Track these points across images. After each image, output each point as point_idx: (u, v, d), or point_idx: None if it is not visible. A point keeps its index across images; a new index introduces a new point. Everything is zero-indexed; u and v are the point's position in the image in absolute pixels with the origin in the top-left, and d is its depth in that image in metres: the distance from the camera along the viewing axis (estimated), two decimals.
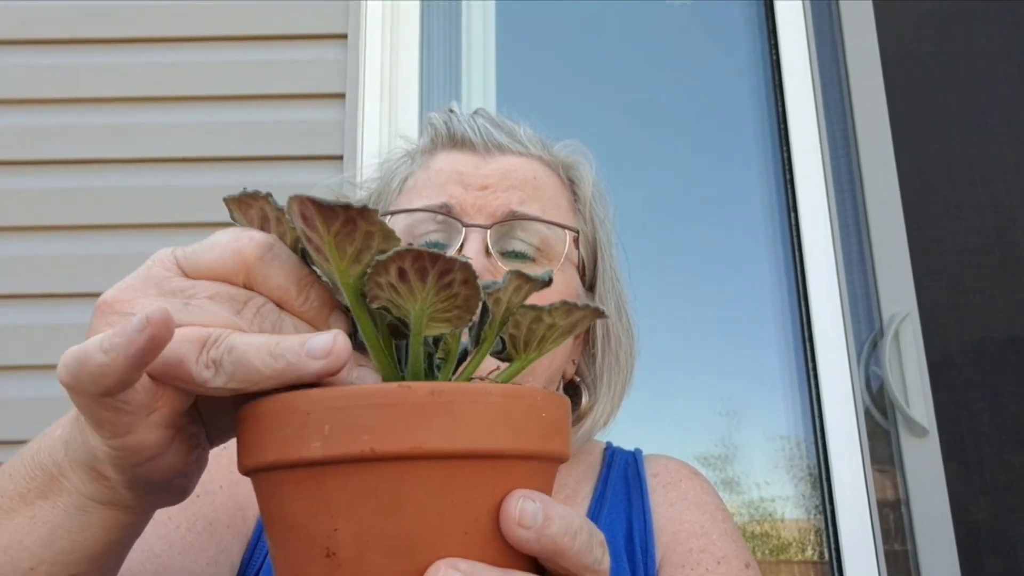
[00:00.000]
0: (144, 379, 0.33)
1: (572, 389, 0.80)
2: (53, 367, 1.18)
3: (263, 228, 0.33)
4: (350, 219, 0.30)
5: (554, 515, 0.32)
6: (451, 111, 0.79)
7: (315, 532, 0.31)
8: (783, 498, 1.53)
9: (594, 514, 0.74)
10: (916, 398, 1.41)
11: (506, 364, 0.38)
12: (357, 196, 0.83)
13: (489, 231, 0.69)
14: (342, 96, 1.57)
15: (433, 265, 0.30)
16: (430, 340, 0.36)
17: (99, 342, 0.31)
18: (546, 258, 0.72)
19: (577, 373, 0.80)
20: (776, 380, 1.56)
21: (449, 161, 0.75)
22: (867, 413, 1.46)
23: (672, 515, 0.73)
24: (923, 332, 1.46)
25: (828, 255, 1.52)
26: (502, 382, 0.36)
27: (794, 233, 1.58)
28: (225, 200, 0.34)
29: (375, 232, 0.30)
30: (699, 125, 1.76)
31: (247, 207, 0.33)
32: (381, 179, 0.81)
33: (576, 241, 0.74)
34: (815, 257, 1.52)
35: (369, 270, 0.31)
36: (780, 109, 1.64)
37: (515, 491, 0.32)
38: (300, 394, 0.31)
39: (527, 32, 1.81)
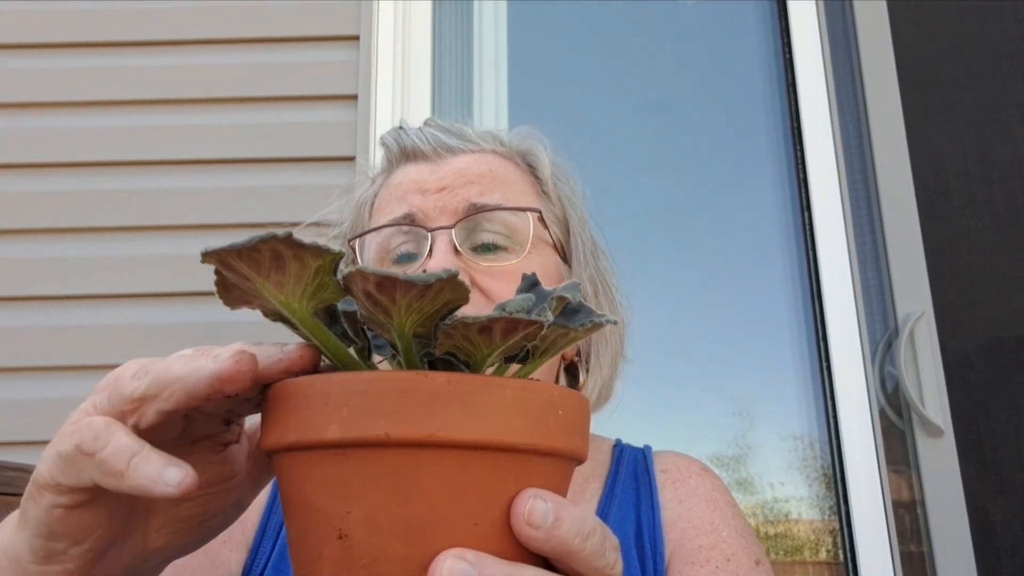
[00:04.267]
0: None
1: (572, 370, 0.82)
2: (63, 368, 1.18)
3: (277, 270, 0.32)
4: (428, 287, 0.31)
5: (565, 516, 0.32)
6: (400, 128, 0.81)
7: (329, 514, 0.31)
8: (797, 498, 1.52)
9: (603, 511, 0.74)
10: (931, 398, 1.40)
11: (518, 365, 0.38)
12: (332, 234, 0.85)
13: (454, 230, 0.70)
14: (354, 98, 1.57)
15: (524, 327, 0.32)
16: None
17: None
18: (516, 243, 0.73)
19: (577, 354, 0.82)
20: (790, 380, 1.55)
21: (405, 174, 0.77)
22: (882, 413, 1.45)
23: (681, 512, 0.73)
24: (938, 331, 1.44)
25: (842, 254, 1.51)
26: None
27: (808, 233, 1.57)
28: (217, 255, 0.32)
29: (446, 289, 0.31)
30: (712, 123, 1.76)
31: (251, 255, 0.32)
32: (353, 210, 0.83)
33: (543, 220, 0.75)
34: (829, 257, 1.52)
35: (444, 327, 0.32)
36: (793, 108, 1.64)
37: (527, 489, 0.32)
38: (322, 377, 0.32)
39: (539, 31, 1.81)
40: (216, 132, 1.58)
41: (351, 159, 1.54)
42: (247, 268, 0.32)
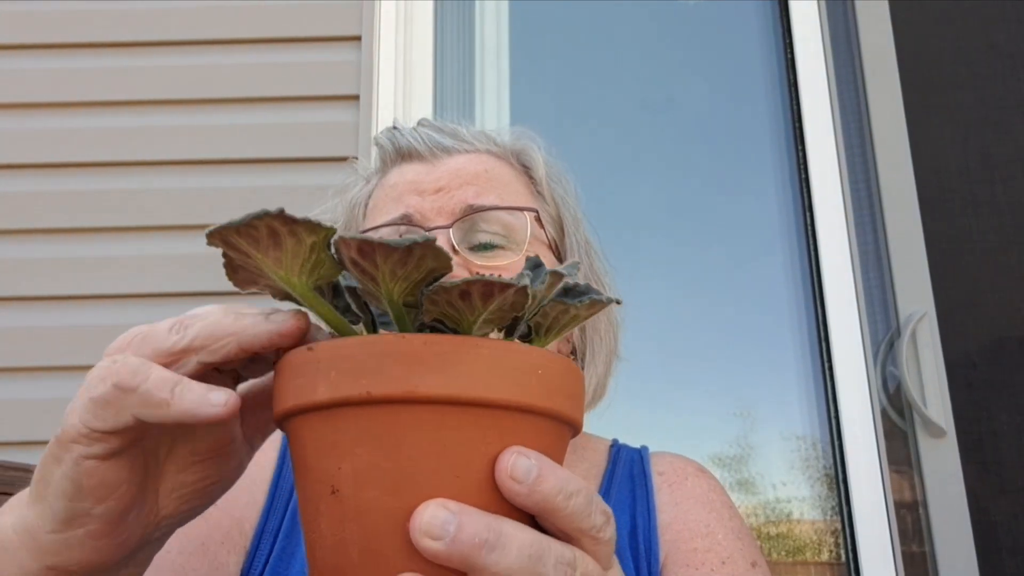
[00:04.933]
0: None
1: None
2: (62, 368, 1.18)
3: (274, 247, 0.34)
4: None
5: (548, 474, 0.33)
6: (394, 128, 0.82)
7: (323, 471, 0.33)
8: (799, 499, 1.52)
9: None
10: (933, 398, 1.40)
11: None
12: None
13: (451, 230, 0.71)
14: (356, 98, 1.58)
15: (500, 291, 0.33)
16: None
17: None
18: (513, 242, 0.73)
19: (572, 351, 0.82)
20: (792, 380, 1.55)
21: (401, 174, 0.78)
22: (884, 413, 1.45)
23: (677, 514, 0.73)
24: (940, 331, 1.44)
25: (844, 254, 1.51)
26: None
27: (810, 233, 1.57)
28: (219, 233, 0.33)
29: (427, 256, 0.33)
30: (714, 123, 1.76)
31: (249, 232, 0.33)
32: (346, 210, 0.83)
33: (539, 220, 0.76)
34: (831, 257, 1.52)
35: (428, 292, 0.34)
36: (795, 107, 1.63)
37: (513, 446, 0.33)
38: (316, 344, 0.34)
39: (540, 32, 1.81)
40: (218, 132, 1.58)
41: (354, 159, 1.54)
42: (247, 245, 0.33)
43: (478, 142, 0.80)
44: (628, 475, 0.78)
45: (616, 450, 0.82)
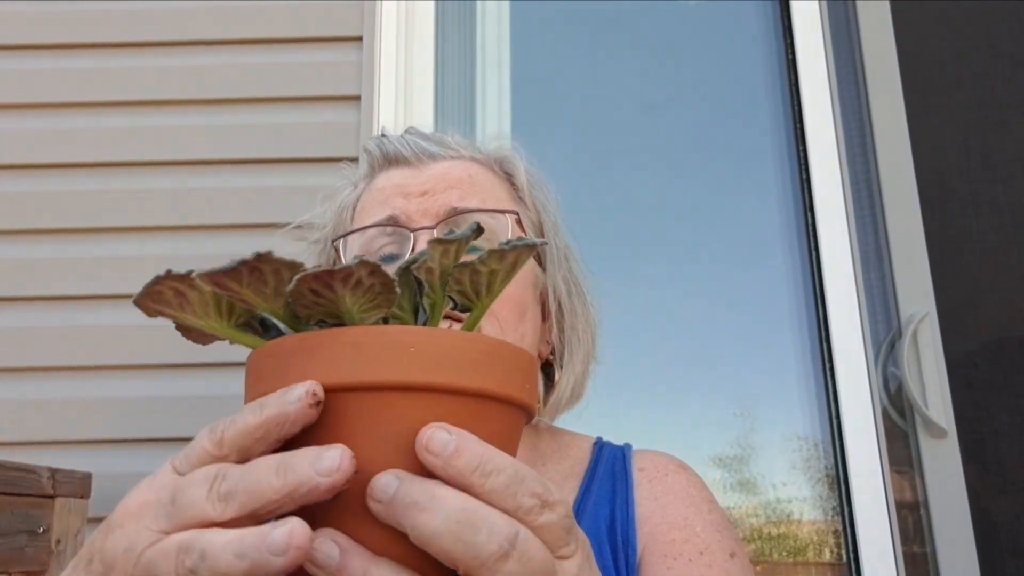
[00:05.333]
0: None
1: (547, 369, 0.84)
2: (63, 368, 1.17)
3: (181, 305, 0.37)
4: (254, 268, 0.35)
5: (466, 450, 0.34)
6: (383, 135, 0.84)
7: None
8: (800, 499, 1.52)
9: (579, 507, 0.76)
10: (935, 399, 1.40)
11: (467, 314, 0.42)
12: (314, 237, 0.89)
13: (435, 230, 0.74)
14: (358, 98, 1.58)
15: (333, 276, 0.35)
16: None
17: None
18: (494, 244, 0.74)
19: (552, 353, 0.84)
20: (793, 381, 1.55)
21: (388, 178, 0.81)
22: (885, 414, 1.45)
23: (655, 508, 0.75)
24: (941, 332, 1.44)
25: (845, 255, 1.51)
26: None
27: (811, 233, 1.57)
28: (136, 302, 0.37)
29: (281, 268, 0.35)
30: (715, 123, 1.75)
31: (158, 296, 0.36)
32: (335, 214, 0.86)
33: (520, 224, 0.78)
34: (832, 257, 1.52)
35: (290, 299, 0.36)
36: (796, 107, 1.63)
37: (435, 423, 0.34)
38: (273, 343, 0.37)
39: (541, 32, 1.81)
40: (219, 133, 1.58)
41: (354, 159, 1.54)
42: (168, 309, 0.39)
43: (462, 149, 0.83)
44: (610, 472, 0.80)
45: (599, 448, 0.84)
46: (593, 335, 0.85)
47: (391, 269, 0.71)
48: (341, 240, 0.80)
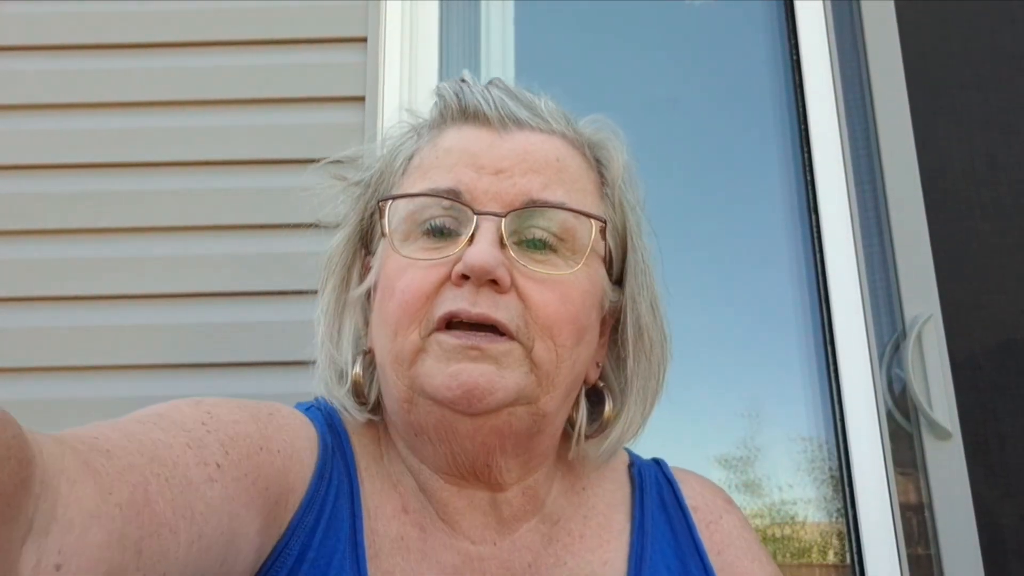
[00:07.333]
0: None
1: (596, 395, 0.73)
2: (64, 368, 1.16)
3: None
4: None
5: None
6: (463, 80, 0.72)
7: None
8: (805, 500, 1.52)
9: (637, 551, 0.69)
10: (939, 401, 1.40)
11: None
12: (356, 178, 0.76)
13: (504, 220, 0.62)
14: (362, 99, 1.57)
15: None
16: None
17: None
18: (569, 249, 0.65)
19: (602, 377, 0.73)
20: (798, 382, 1.55)
21: (460, 138, 0.68)
22: (889, 415, 1.45)
23: (722, 565, 0.70)
24: (946, 334, 1.44)
25: (850, 256, 1.51)
26: None
27: (815, 234, 1.57)
28: None
29: None
30: (720, 124, 1.75)
31: None
32: (384, 157, 0.74)
33: (603, 231, 0.67)
34: (837, 258, 1.52)
35: None
36: (801, 109, 1.63)
37: None
38: None
39: (545, 33, 1.81)
40: (222, 134, 1.58)
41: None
42: None
43: (554, 121, 0.70)
44: (659, 504, 0.73)
45: (638, 470, 0.76)
46: (665, 367, 0.73)
47: (440, 250, 0.63)
48: (388, 202, 0.67)
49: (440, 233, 0.64)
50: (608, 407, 0.71)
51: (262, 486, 0.56)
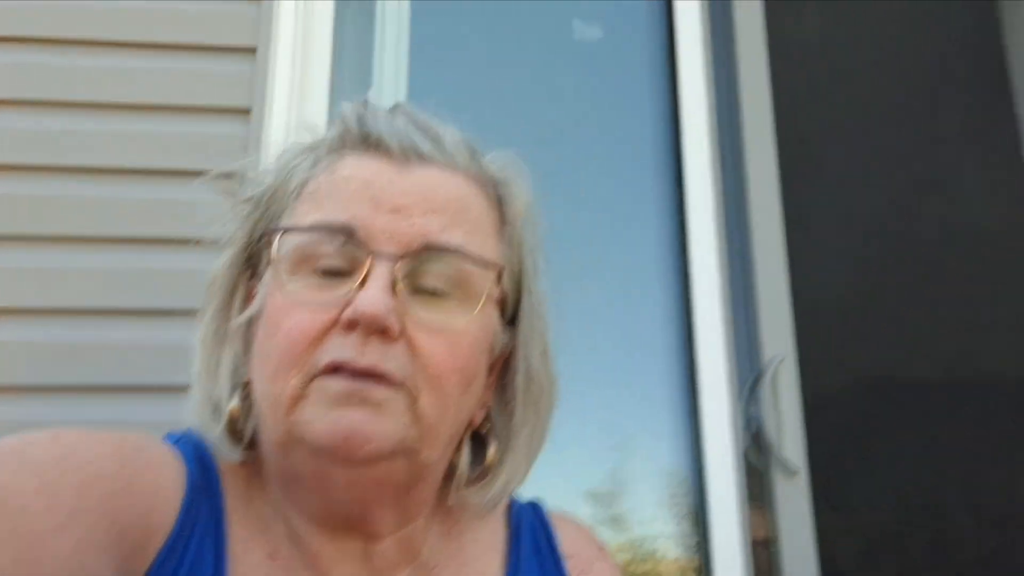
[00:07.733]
0: None
1: (478, 439, 0.70)
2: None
3: None
4: None
5: None
6: (366, 103, 0.68)
7: None
8: (666, 536, 1.54)
9: None
10: (789, 439, 1.45)
11: None
12: (246, 195, 0.71)
13: (399, 263, 0.59)
14: (248, 111, 1.54)
15: None
16: None
17: None
18: (463, 295, 0.63)
19: (487, 419, 0.69)
20: (666, 416, 1.58)
21: (359, 168, 0.64)
22: (747, 452, 1.49)
23: None
24: (800, 374, 1.50)
25: (714, 297, 1.56)
26: None
27: (685, 273, 1.61)
28: None
29: None
30: (600, 161, 1.79)
31: None
32: (277, 174, 0.69)
33: (499, 278, 0.65)
34: (703, 296, 1.56)
35: None
36: (677, 150, 1.69)
37: None
38: None
39: (439, 54, 1.84)
40: (96, 139, 1.49)
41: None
42: None
43: (459, 156, 0.67)
44: (534, 547, 0.72)
45: (515, 512, 0.74)
46: (551, 414, 0.70)
47: (329, 290, 0.61)
48: (278, 234, 0.63)
49: (334, 275, 0.61)
50: (491, 451, 0.68)
51: (119, 532, 0.53)
